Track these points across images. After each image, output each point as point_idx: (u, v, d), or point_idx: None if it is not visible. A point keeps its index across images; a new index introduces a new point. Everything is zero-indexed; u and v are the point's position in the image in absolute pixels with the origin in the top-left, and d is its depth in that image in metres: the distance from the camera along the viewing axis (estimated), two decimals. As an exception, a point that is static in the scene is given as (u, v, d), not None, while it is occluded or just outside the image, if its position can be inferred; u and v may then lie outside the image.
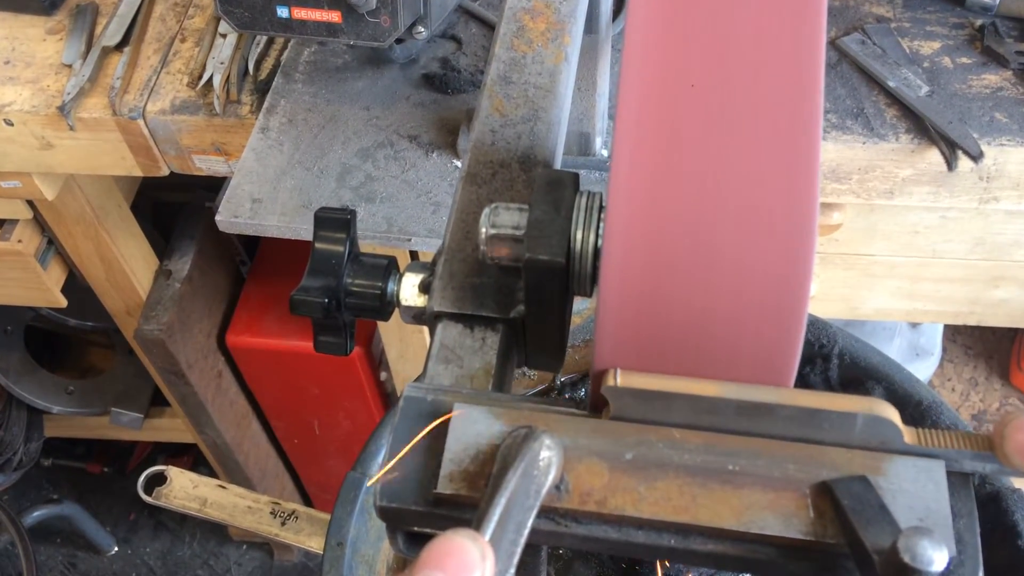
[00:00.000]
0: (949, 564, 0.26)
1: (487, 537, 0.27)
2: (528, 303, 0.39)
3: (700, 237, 0.32)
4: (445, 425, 0.32)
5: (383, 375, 1.40)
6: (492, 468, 0.31)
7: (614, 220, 0.32)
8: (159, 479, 0.79)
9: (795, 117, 0.32)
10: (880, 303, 1.10)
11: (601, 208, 0.37)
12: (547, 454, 0.30)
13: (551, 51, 0.52)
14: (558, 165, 0.49)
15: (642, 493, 0.31)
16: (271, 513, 0.72)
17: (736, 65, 0.34)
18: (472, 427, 0.32)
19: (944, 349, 1.61)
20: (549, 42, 0.53)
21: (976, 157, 0.84)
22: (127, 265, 1.23)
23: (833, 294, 1.09)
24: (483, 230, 0.38)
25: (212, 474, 1.61)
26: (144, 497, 0.76)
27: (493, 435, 0.32)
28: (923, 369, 1.54)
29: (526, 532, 0.29)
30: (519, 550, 0.28)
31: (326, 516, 0.72)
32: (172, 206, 1.41)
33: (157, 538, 1.88)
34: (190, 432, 1.50)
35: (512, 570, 0.28)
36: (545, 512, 0.31)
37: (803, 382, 0.79)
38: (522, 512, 0.29)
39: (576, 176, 0.39)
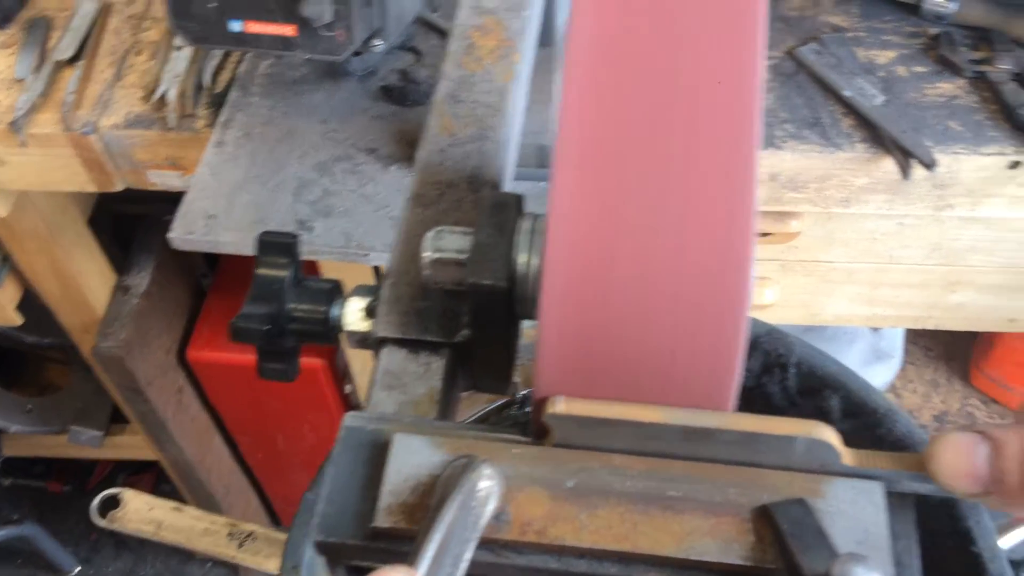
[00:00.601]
0: (885, 589, 0.26)
1: (421, 573, 0.27)
2: (473, 327, 0.38)
3: (638, 267, 0.32)
4: (384, 454, 0.32)
5: (348, 387, 1.39)
6: (432, 499, 0.31)
7: (553, 248, 0.32)
8: (115, 501, 0.77)
9: (733, 150, 0.32)
10: (840, 309, 1.11)
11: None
12: (486, 484, 0.30)
13: (500, 69, 0.52)
14: (508, 184, 0.49)
15: (583, 521, 0.31)
16: (228, 535, 0.71)
17: (675, 95, 0.34)
18: (412, 457, 0.32)
19: (905, 352, 1.63)
20: (499, 60, 0.53)
21: (930, 165, 0.85)
22: (83, 281, 1.20)
23: (793, 300, 1.10)
24: (426, 254, 0.38)
25: (175, 492, 1.58)
26: (98, 521, 0.74)
27: (433, 465, 0.32)
28: (885, 372, 1.55)
29: (463, 566, 0.28)
30: (457, 584, 0.28)
31: (284, 536, 0.71)
32: (133, 218, 1.39)
33: (119, 558, 1.85)
34: (151, 449, 1.47)
35: (450, 603, 0.28)
36: (485, 543, 0.30)
37: (762, 391, 0.79)
38: (460, 545, 0.28)
39: (520, 198, 0.39)
